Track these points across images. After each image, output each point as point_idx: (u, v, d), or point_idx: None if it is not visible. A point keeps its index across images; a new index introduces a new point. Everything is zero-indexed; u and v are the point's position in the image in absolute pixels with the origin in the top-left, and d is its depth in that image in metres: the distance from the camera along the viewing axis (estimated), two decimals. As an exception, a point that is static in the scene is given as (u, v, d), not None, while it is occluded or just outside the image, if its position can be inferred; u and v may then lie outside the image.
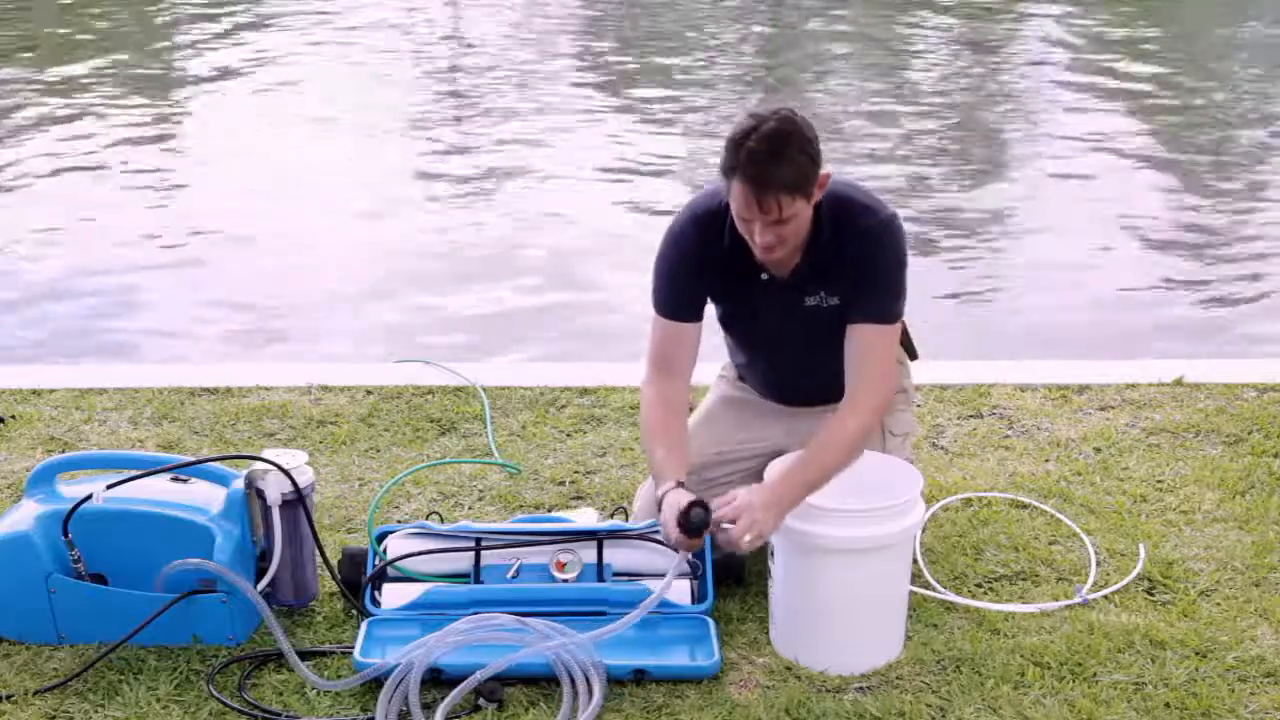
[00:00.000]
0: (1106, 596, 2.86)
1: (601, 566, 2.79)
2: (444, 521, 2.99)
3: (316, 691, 2.53)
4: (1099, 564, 2.99)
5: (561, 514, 3.16)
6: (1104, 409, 3.83)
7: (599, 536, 2.83)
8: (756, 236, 2.60)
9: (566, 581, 2.77)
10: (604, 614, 2.68)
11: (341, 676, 2.55)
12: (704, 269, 2.78)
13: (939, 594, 2.85)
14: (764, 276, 2.76)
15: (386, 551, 2.84)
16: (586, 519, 3.08)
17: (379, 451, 3.60)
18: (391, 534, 2.88)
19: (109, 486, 2.69)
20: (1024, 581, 2.92)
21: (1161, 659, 2.62)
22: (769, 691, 2.53)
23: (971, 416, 3.79)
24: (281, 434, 3.71)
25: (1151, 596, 2.87)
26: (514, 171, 7.66)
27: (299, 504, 2.74)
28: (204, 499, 2.74)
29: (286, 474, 2.71)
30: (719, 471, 2.95)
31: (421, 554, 2.83)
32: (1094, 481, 3.39)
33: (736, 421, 3.04)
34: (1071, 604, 2.83)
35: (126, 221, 6.83)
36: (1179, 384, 3.97)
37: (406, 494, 3.34)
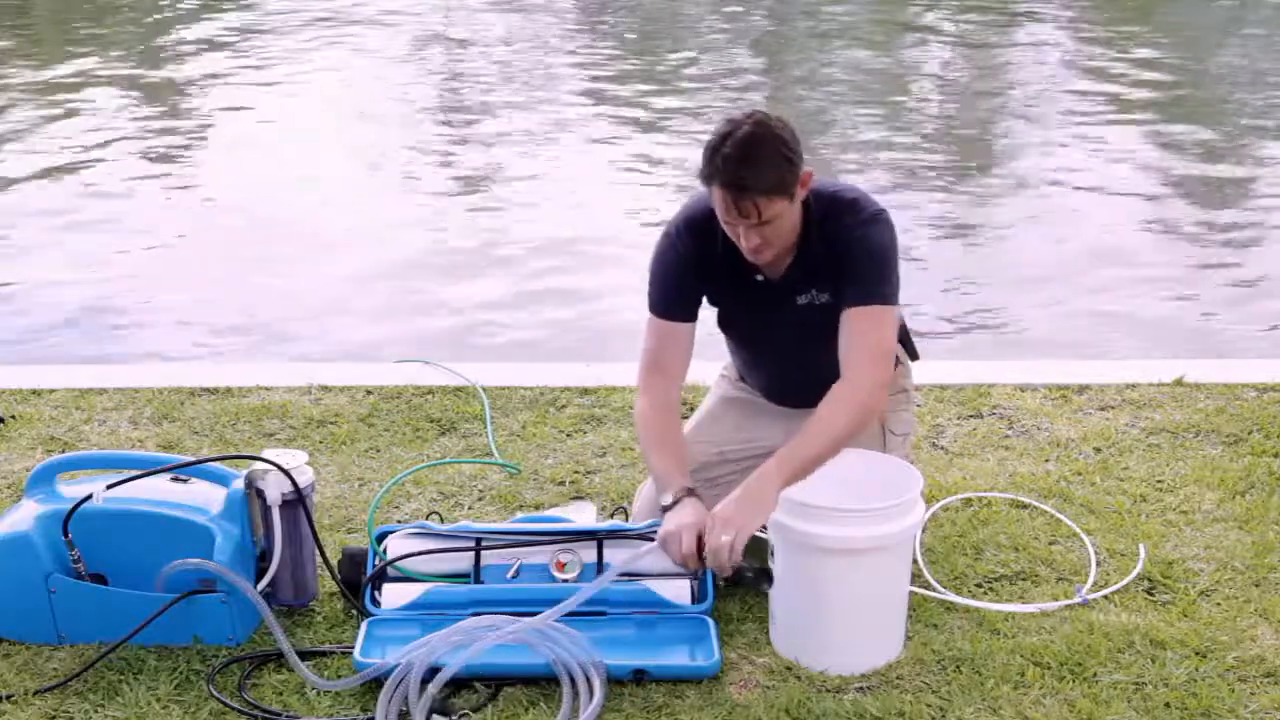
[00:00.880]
0: (1106, 596, 2.86)
1: (601, 566, 2.79)
2: (444, 521, 2.99)
3: (316, 691, 2.53)
4: (1099, 564, 2.99)
5: (558, 511, 3.16)
6: (1104, 409, 3.82)
7: (599, 536, 2.83)
8: (742, 240, 2.62)
9: (566, 581, 2.77)
10: (604, 614, 2.68)
11: (341, 676, 2.55)
12: (698, 271, 2.79)
13: (939, 594, 2.85)
14: (758, 278, 2.78)
15: (386, 551, 2.84)
16: (584, 515, 3.08)
17: (379, 451, 3.60)
18: (391, 534, 2.88)
19: (109, 486, 2.69)
20: (1024, 581, 2.92)
21: (1161, 659, 2.62)
22: (769, 691, 2.53)
23: (971, 416, 3.79)
24: (281, 434, 3.71)
25: (1151, 596, 2.87)
26: (514, 170, 7.67)
27: (299, 504, 2.74)
28: (204, 499, 2.74)
29: (286, 474, 2.71)
30: (720, 471, 2.95)
31: (421, 554, 2.82)
32: (1094, 481, 3.39)
33: (737, 421, 3.05)
34: (1071, 604, 2.83)
35: (126, 221, 6.84)
36: (1179, 384, 3.97)
37: (406, 494, 3.34)
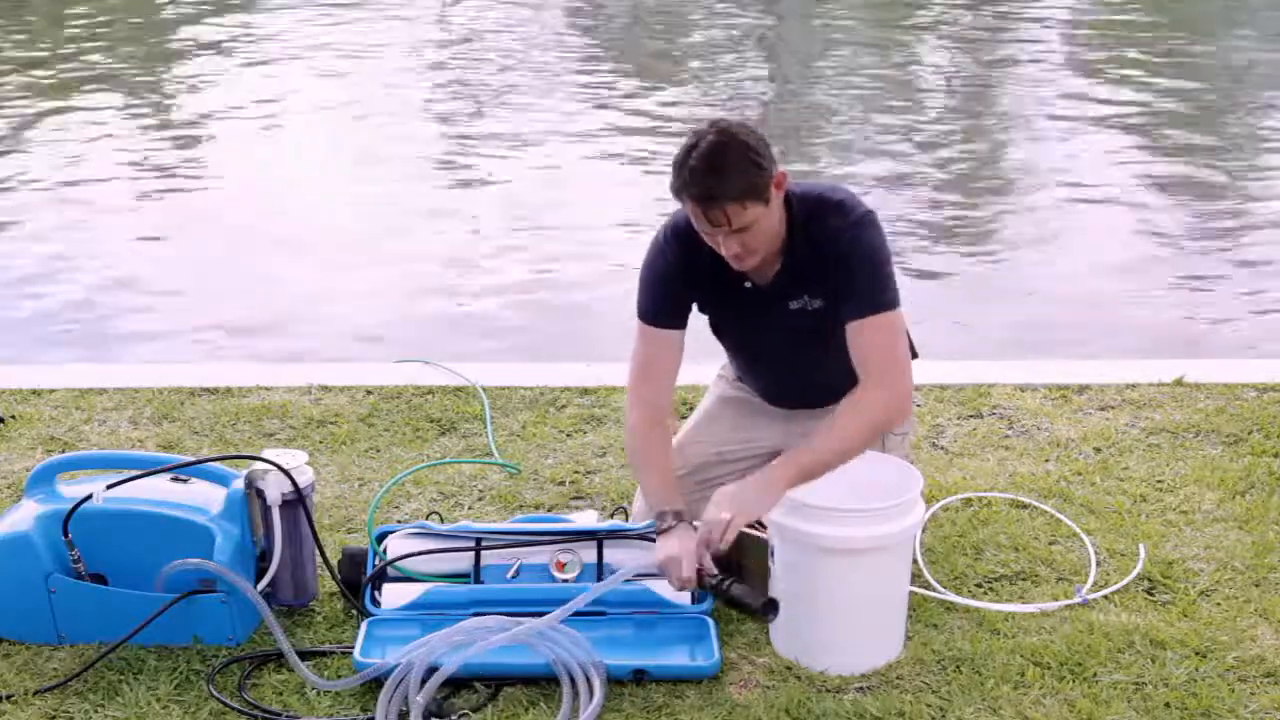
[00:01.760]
0: (1106, 596, 2.86)
1: (601, 566, 2.79)
2: (444, 521, 2.99)
3: (316, 691, 2.53)
4: (1099, 564, 2.99)
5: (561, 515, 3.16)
6: (1104, 409, 3.82)
7: (599, 536, 2.83)
8: (723, 248, 2.62)
9: (566, 581, 2.77)
10: (604, 614, 2.68)
11: (341, 676, 2.55)
12: (686, 279, 2.79)
13: (939, 594, 2.85)
14: (747, 284, 2.77)
15: (386, 551, 2.84)
16: (586, 521, 3.08)
17: (379, 451, 3.60)
18: (391, 534, 2.88)
19: (109, 486, 2.69)
20: (1024, 581, 2.92)
21: (1161, 659, 2.62)
22: (769, 691, 2.53)
23: (971, 416, 3.79)
24: (281, 434, 3.71)
25: (1151, 596, 2.87)
26: (514, 170, 7.66)
27: (299, 504, 2.74)
28: (204, 499, 2.74)
29: (286, 474, 2.71)
30: (718, 471, 2.95)
31: (421, 554, 2.83)
32: (1094, 481, 3.38)
33: (735, 421, 3.04)
34: (1071, 604, 2.83)
35: (125, 220, 6.84)
36: (1179, 384, 3.97)
37: (406, 494, 3.34)
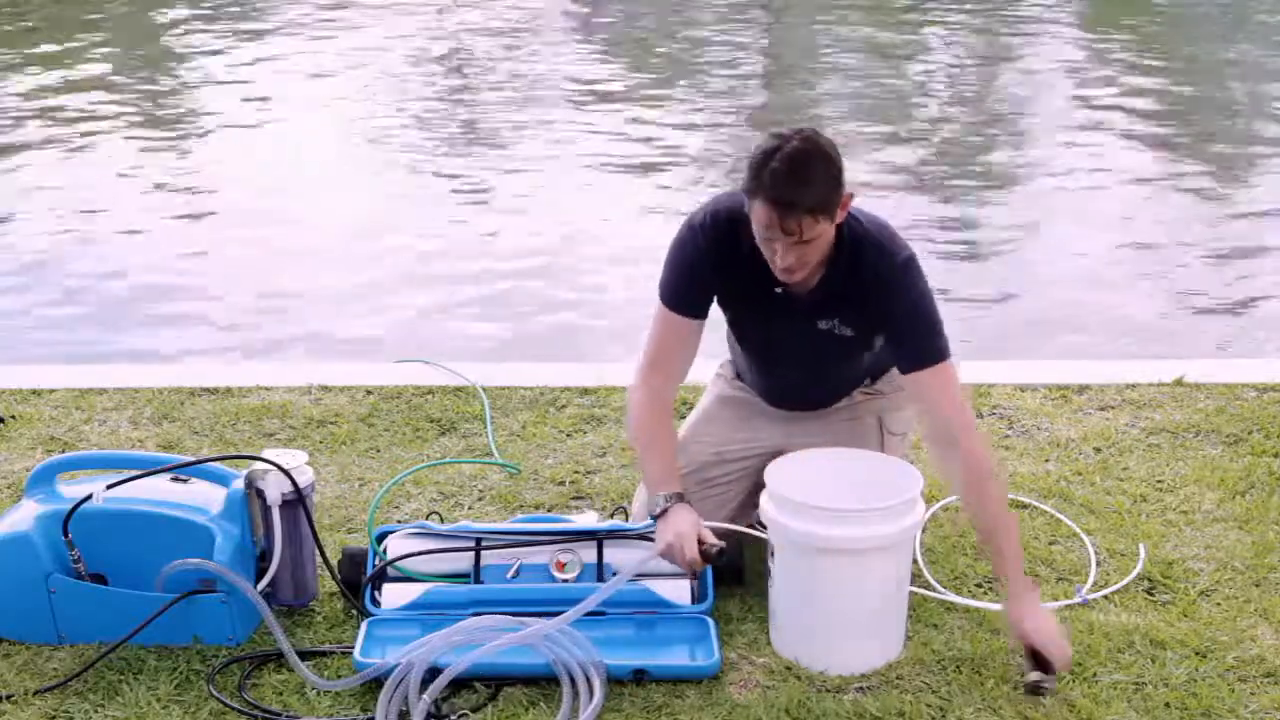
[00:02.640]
0: (1106, 596, 2.86)
1: (601, 566, 2.79)
2: (444, 521, 2.99)
3: (316, 691, 2.53)
4: (1099, 564, 2.99)
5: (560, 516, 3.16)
6: (1104, 409, 3.82)
7: (599, 536, 2.83)
8: (778, 258, 2.57)
9: (566, 581, 2.77)
10: (604, 614, 2.67)
11: (341, 676, 2.55)
12: (718, 269, 2.74)
13: (939, 594, 2.85)
14: (778, 290, 2.71)
15: (386, 551, 2.84)
16: (586, 521, 3.08)
17: (379, 451, 3.60)
18: (391, 534, 2.88)
19: (109, 486, 2.69)
20: (1024, 581, 2.92)
21: (1161, 659, 2.62)
22: (769, 691, 2.53)
23: (971, 416, 3.79)
24: (281, 434, 3.71)
25: (1151, 596, 2.87)
26: (513, 171, 7.66)
27: (299, 504, 2.74)
28: (204, 499, 2.74)
29: (286, 474, 2.71)
30: (718, 471, 2.94)
31: (421, 554, 2.83)
32: (1094, 481, 3.38)
33: (735, 421, 3.02)
34: (1071, 604, 2.83)
35: (123, 218, 6.85)
36: (1179, 384, 3.97)
37: (406, 494, 3.34)
